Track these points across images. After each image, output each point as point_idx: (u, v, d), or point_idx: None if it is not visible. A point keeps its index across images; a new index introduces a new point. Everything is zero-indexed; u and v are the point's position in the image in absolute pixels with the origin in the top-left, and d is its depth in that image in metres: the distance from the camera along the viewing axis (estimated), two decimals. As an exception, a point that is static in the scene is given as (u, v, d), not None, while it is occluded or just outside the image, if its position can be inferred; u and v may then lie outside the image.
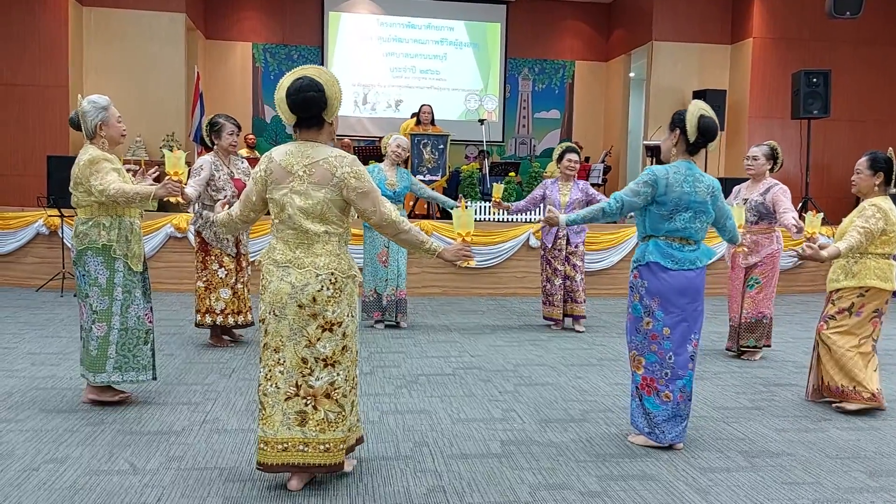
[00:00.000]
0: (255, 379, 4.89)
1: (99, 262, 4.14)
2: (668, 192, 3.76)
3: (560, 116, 15.02)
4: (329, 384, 3.13)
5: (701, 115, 3.80)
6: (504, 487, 3.31)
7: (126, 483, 3.23)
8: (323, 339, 3.11)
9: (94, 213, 4.15)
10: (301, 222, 3.09)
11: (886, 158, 4.54)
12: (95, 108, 4.17)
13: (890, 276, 4.52)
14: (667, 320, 3.79)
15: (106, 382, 4.21)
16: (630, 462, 3.65)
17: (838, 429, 4.23)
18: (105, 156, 4.14)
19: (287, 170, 3.11)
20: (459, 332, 6.72)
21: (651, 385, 3.83)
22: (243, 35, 13.80)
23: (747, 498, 3.27)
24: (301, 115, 3.11)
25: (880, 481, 3.50)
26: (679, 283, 3.78)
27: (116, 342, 4.18)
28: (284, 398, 3.13)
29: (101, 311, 4.16)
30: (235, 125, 5.69)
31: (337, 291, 3.12)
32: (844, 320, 4.56)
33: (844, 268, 4.59)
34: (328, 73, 3.14)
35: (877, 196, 4.57)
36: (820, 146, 11.94)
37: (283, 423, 3.13)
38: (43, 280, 8.35)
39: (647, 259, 3.83)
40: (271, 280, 3.15)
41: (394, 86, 14.27)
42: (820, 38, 12.18)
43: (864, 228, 4.42)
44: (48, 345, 5.75)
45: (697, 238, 3.85)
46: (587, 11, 14.73)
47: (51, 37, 10.92)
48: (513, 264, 9.02)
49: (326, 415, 3.13)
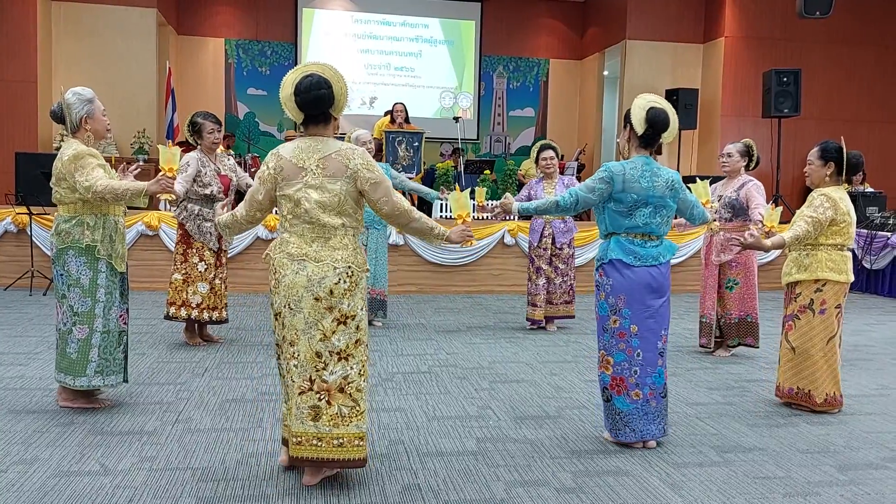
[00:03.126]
0: (230, 378, 4.85)
1: (82, 263, 3.99)
2: (625, 188, 3.73)
3: (535, 114, 15.07)
4: (343, 378, 3.14)
5: (649, 108, 3.76)
6: (480, 485, 3.31)
7: (97, 484, 3.18)
8: (338, 332, 3.13)
9: (77, 211, 4.01)
10: (319, 216, 3.11)
11: (837, 148, 4.45)
12: (80, 101, 4.05)
13: (844, 268, 4.41)
14: (633, 318, 3.76)
15: (86, 387, 4.05)
16: (604, 458, 3.67)
17: (808, 424, 4.29)
18: (90, 151, 4.01)
19: (299, 165, 3.13)
20: (435, 330, 6.72)
21: (621, 385, 3.78)
22: (216, 30, 13.67)
23: (720, 492, 3.30)
24: (309, 113, 3.15)
25: (849, 475, 3.55)
26: (643, 280, 3.76)
27: (99, 345, 4.03)
28: (298, 392, 3.14)
29: (83, 312, 4.00)
30: (216, 122, 5.65)
31: (353, 284, 3.15)
32: (807, 319, 4.46)
33: (797, 260, 4.50)
34: (332, 68, 3.19)
35: (828, 186, 4.48)
36: (791, 144, 12.10)
37: (297, 416, 3.13)
38: (11, 279, 8.21)
39: (609, 256, 3.80)
40: (286, 273, 3.14)
41: (368, 83, 14.22)
42: (791, 38, 12.35)
43: (811, 218, 4.34)
44: (17, 344, 5.65)
45: (659, 233, 3.83)
46: (561, 9, 14.79)
47: (19, 31, 10.73)
48: (489, 261, 9.03)
49: (340, 409, 3.13)
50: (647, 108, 3.77)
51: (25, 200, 8.08)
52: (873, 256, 9.66)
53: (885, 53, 12.77)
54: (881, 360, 6.01)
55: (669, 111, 3.81)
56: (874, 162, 12.55)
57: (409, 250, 8.74)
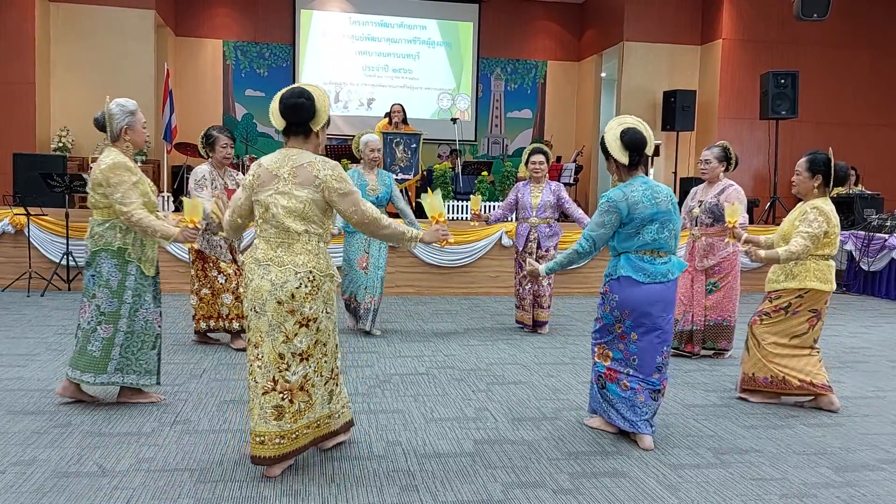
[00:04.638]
0: (228, 379, 4.86)
1: (112, 265, 4.11)
2: (630, 211, 3.76)
3: (532, 116, 15.09)
4: (303, 377, 3.30)
5: (622, 133, 3.79)
6: (477, 486, 3.32)
7: (95, 485, 3.19)
8: (300, 334, 3.26)
9: (111, 216, 4.12)
10: (283, 220, 3.25)
11: (825, 161, 4.48)
12: (123, 112, 4.17)
13: (829, 278, 4.49)
14: (637, 330, 3.82)
15: (106, 384, 4.16)
16: (602, 460, 3.68)
17: (805, 426, 4.31)
18: (127, 164, 4.11)
19: (273, 173, 3.30)
20: (433, 332, 6.72)
21: (614, 375, 3.91)
22: (214, 32, 13.68)
23: (716, 494, 3.31)
24: (290, 121, 3.32)
25: (845, 476, 3.57)
26: (650, 296, 3.77)
27: (121, 344, 4.14)
28: (262, 392, 3.26)
29: (110, 312, 4.11)
30: (230, 137, 5.70)
31: (314, 289, 3.27)
32: (779, 318, 4.56)
33: (784, 269, 4.54)
34: (320, 88, 3.40)
35: (816, 198, 4.52)
36: (788, 146, 12.13)
37: (261, 416, 3.26)
38: (9, 280, 8.21)
39: (618, 273, 3.82)
40: (252, 278, 3.29)
41: (366, 84, 14.24)
42: (787, 41, 12.38)
43: (808, 234, 4.37)
44: (15, 346, 5.66)
45: (669, 248, 3.84)
46: (559, 12, 14.82)
47: (17, 32, 10.74)
48: (486, 263, 9.04)
49: (299, 406, 3.30)
50: (620, 136, 3.79)
51: (23, 201, 8.09)
52: (870, 258, 9.69)
53: (881, 56, 12.82)
54: (877, 362, 6.03)
55: (642, 127, 3.85)
56: (871, 164, 12.60)
57: (406, 252, 8.74)
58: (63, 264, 8.04)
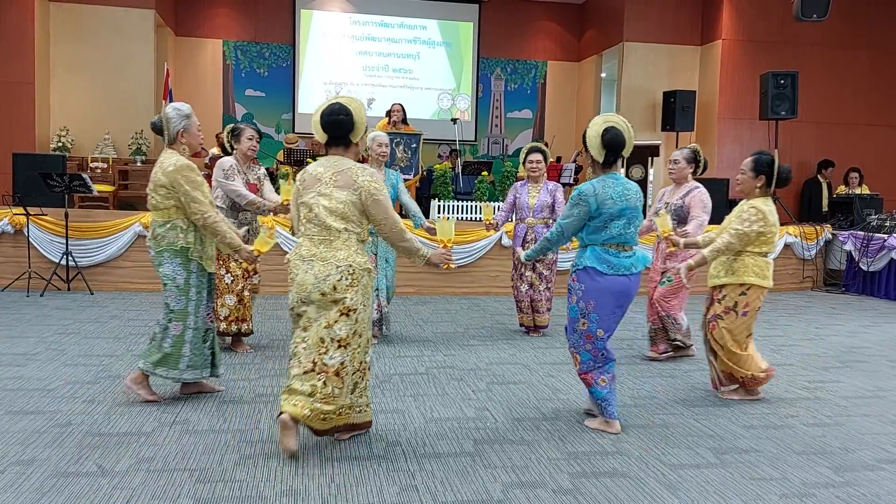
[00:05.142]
0: (227, 379, 4.86)
1: (177, 264, 4.24)
2: (600, 205, 3.91)
3: (532, 116, 15.09)
4: (340, 364, 3.57)
5: (604, 132, 3.92)
6: (477, 486, 3.32)
7: (95, 485, 3.19)
8: (340, 322, 3.56)
9: (171, 216, 4.25)
10: (325, 220, 3.58)
11: (769, 162, 4.59)
12: (179, 116, 4.29)
13: (767, 274, 4.64)
14: (601, 322, 3.98)
15: (177, 379, 4.33)
16: (602, 459, 3.68)
17: (805, 425, 4.31)
18: (192, 165, 4.26)
19: (316, 177, 3.65)
20: (433, 332, 6.72)
21: (588, 378, 4.09)
22: (214, 32, 13.67)
23: (716, 493, 3.32)
24: (331, 135, 3.67)
25: (845, 476, 3.57)
26: (613, 287, 3.96)
27: (190, 341, 4.30)
28: (302, 372, 3.56)
29: (179, 310, 4.26)
30: (256, 131, 5.68)
31: (354, 281, 3.58)
32: (731, 320, 4.67)
33: (725, 264, 4.68)
34: (357, 101, 3.73)
35: (758, 198, 4.63)
36: (787, 147, 12.14)
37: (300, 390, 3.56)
38: (8, 280, 8.21)
39: (584, 264, 4.00)
40: (297, 273, 3.62)
41: (366, 84, 14.23)
42: (787, 41, 12.38)
43: (736, 231, 4.54)
44: (14, 345, 5.65)
45: (633, 243, 4.03)
46: (559, 12, 14.82)
47: (17, 32, 10.74)
48: (486, 263, 9.04)
49: (332, 390, 3.56)
50: (602, 134, 3.92)
51: (22, 201, 8.09)
52: (870, 259, 9.69)
53: (880, 57, 12.81)
54: (877, 362, 6.03)
55: (624, 129, 3.97)
56: (870, 164, 12.60)
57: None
58: (62, 264, 8.04)
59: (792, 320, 7.87)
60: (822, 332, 7.23)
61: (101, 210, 9.32)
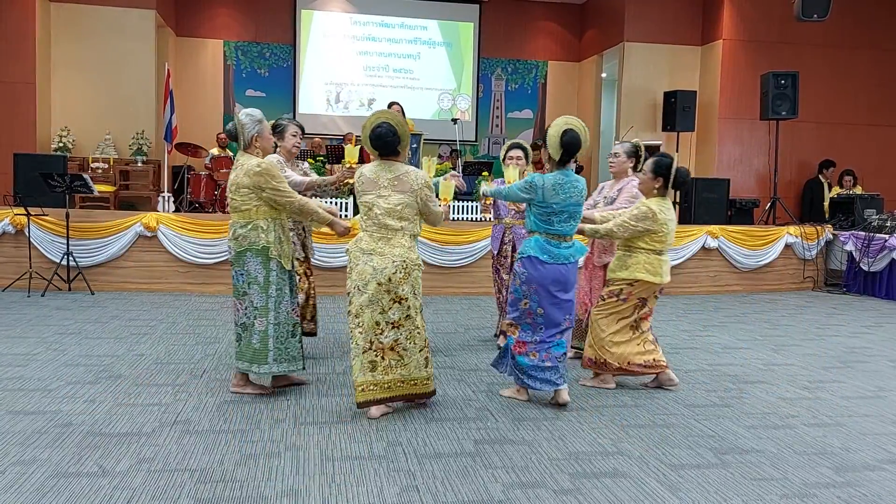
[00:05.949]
0: (228, 379, 4.86)
1: (258, 263, 4.44)
2: (545, 198, 4.38)
3: (533, 116, 15.09)
4: (394, 340, 4.17)
5: (563, 133, 4.38)
6: (478, 486, 3.32)
7: (95, 485, 3.19)
8: (393, 308, 4.15)
9: (252, 217, 4.42)
10: (384, 220, 4.14)
11: (668, 165, 4.76)
12: (252, 121, 4.49)
13: (659, 271, 4.82)
14: (540, 303, 4.44)
15: (268, 374, 4.50)
16: (602, 460, 3.68)
17: (805, 425, 4.31)
18: (273, 164, 4.45)
19: (374, 181, 4.19)
20: (433, 332, 6.72)
21: (523, 347, 4.50)
22: (215, 32, 13.67)
23: (717, 494, 3.31)
24: (382, 151, 4.20)
25: (846, 476, 3.57)
26: (552, 275, 4.41)
27: (274, 335, 4.48)
28: (362, 351, 4.14)
29: (261, 307, 4.46)
30: (299, 126, 5.55)
31: (406, 274, 4.15)
32: (612, 303, 4.90)
33: (621, 259, 4.91)
34: (398, 116, 4.21)
35: (654, 198, 4.84)
36: (788, 147, 12.13)
37: (360, 370, 4.15)
38: (9, 280, 8.21)
39: (528, 253, 4.44)
40: (357, 263, 4.16)
41: (367, 84, 14.23)
42: (788, 41, 12.38)
43: (624, 223, 4.78)
44: (15, 345, 5.66)
45: (571, 234, 4.49)
46: (560, 12, 14.82)
47: (18, 32, 10.74)
48: (486, 263, 9.00)
49: (390, 362, 4.16)
50: (561, 135, 4.39)
51: (23, 201, 8.09)
52: (870, 259, 9.69)
53: (881, 57, 12.81)
54: (878, 362, 6.03)
55: (582, 132, 4.46)
56: (871, 165, 12.60)
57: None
58: (63, 264, 8.04)
59: (793, 320, 7.87)
60: (822, 333, 7.23)
61: (101, 210, 9.32)
